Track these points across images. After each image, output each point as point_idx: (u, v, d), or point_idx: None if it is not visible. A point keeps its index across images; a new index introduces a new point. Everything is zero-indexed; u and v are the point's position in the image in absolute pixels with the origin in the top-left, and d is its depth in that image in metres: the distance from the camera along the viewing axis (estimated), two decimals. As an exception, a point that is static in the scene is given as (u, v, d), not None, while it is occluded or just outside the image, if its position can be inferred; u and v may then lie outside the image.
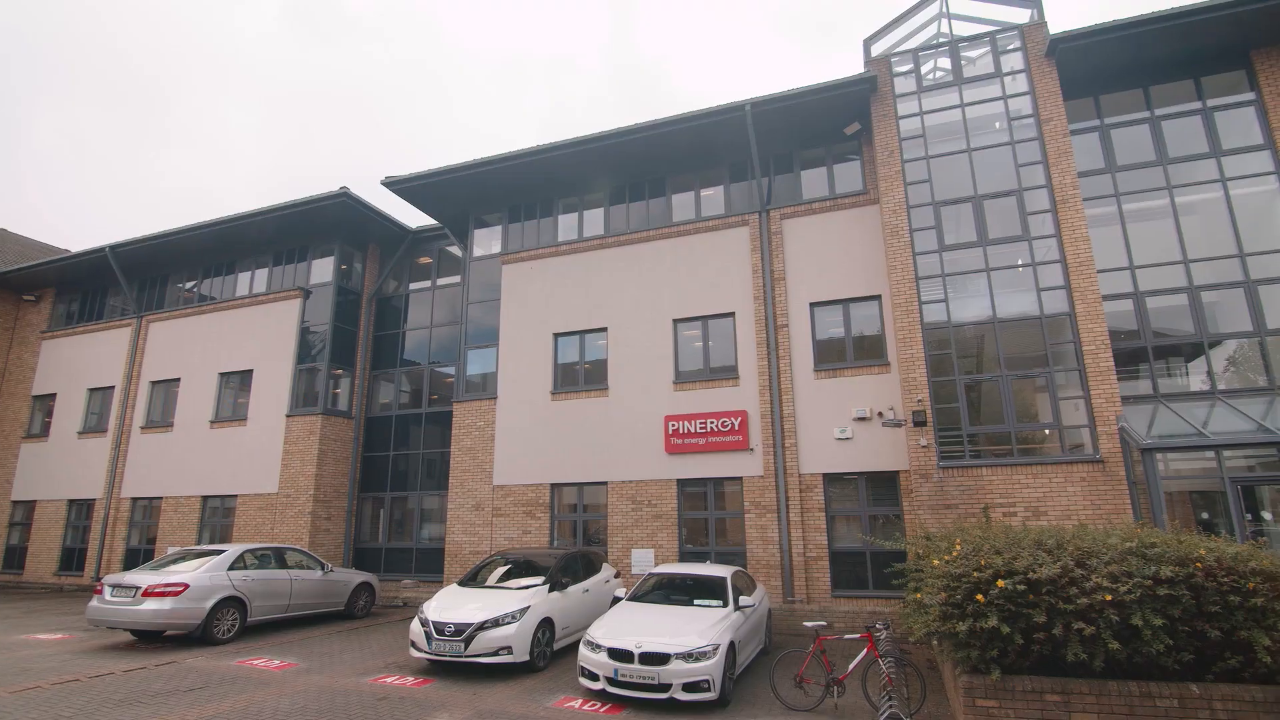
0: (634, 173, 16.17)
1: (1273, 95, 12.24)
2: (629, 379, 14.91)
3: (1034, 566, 5.96)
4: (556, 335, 15.92)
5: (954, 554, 6.58)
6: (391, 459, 18.26)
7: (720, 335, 14.67)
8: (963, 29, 13.95)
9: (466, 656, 9.11)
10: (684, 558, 13.73)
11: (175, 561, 12.13)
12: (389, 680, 9.03)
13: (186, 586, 11.21)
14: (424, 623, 9.51)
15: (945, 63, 13.89)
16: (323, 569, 13.78)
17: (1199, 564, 5.72)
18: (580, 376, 15.61)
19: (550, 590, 10.29)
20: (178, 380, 19.90)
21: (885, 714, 6.62)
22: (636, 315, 15.23)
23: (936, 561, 6.63)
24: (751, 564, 13.15)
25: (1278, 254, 11.72)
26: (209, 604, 11.37)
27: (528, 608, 9.60)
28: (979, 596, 5.96)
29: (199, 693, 8.38)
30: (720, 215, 15.23)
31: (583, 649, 8.34)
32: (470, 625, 9.21)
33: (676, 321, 14.97)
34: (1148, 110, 13.03)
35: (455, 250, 18.79)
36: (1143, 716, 5.71)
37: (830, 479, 13.23)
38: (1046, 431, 11.62)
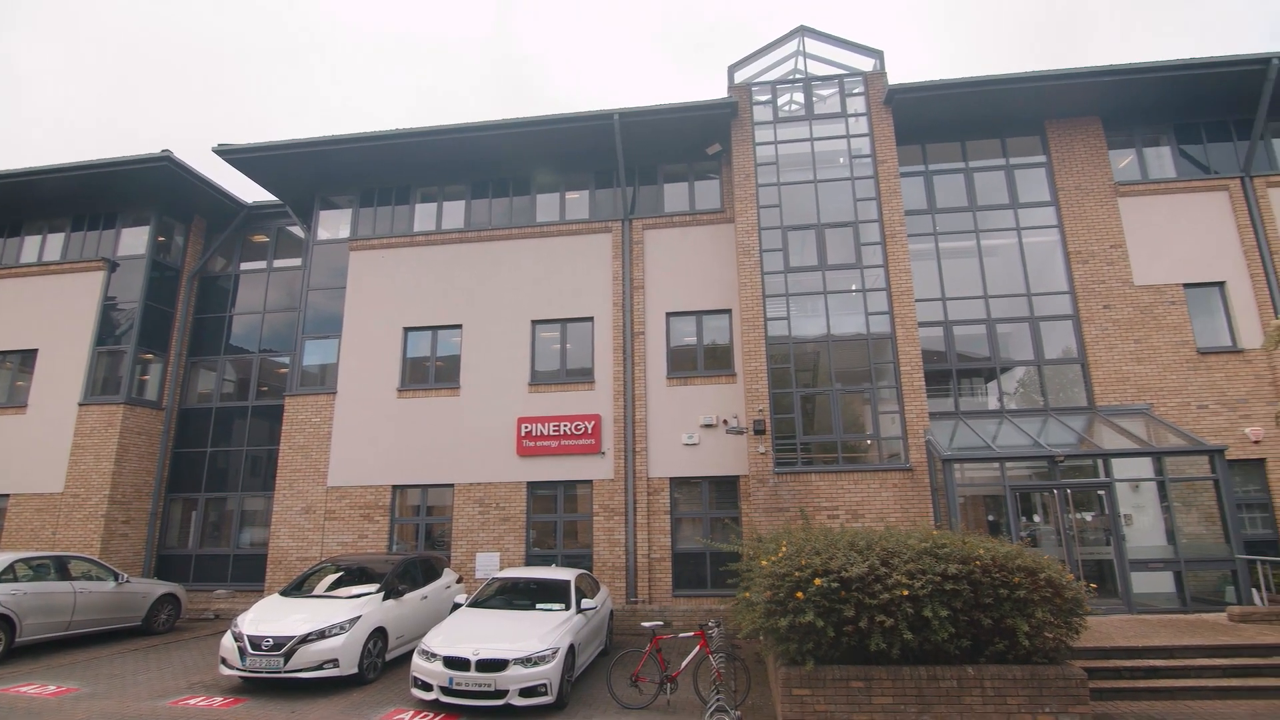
0: (499, 168, 15.84)
1: (1060, 160, 14.34)
2: (483, 378, 14.55)
3: (847, 566, 6.55)
4: (407, 329, 15.19)
5: (780, 555, 7.07)
6: (209, 456, 16.47)
7: (578, 339, 14.72)
8: (816, 68, 15.08)
9: (286, 672, 8.44)
10: (531, 561, 13.60)
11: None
12: (192, 702, 8.15)
13: (-72, 603, 9.42)
14: (238, 636, 8.71)
15: (799, 97, 14.93)
16: (116, 579, 12.15)
17: (978, 562, 6.57)
18: (431, 373, 14.99)
19: (385, 598, 9.83)
20: (-68, 356, 16.71)
21: (713, 707, 6.97)
22: (494, 314, 14.90)
23: (764, 562, 7.09)
24: (598, 566, 13.29)
25: (1055, 296, 13.74)
26: (-41, 623, 9.62)
27: (359, 617, 9.10)
28: (799, 594, 6.46)
29: (-63, 729, 7.07)
30: (584, 220, 15.31)
31: (416, 658, 8.03)
32: (292, 638, 8.55)
33: (535, 323, 14.82)
34: (963, 161, 14.79)
35: (297, 231, 17.35)
36: (929, 696, 6.47)
37: (677, 483, 13.70)
38: (868, 441, 12.80)
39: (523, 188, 15.88)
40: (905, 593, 6.29)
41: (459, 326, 15.00)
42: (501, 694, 7.58)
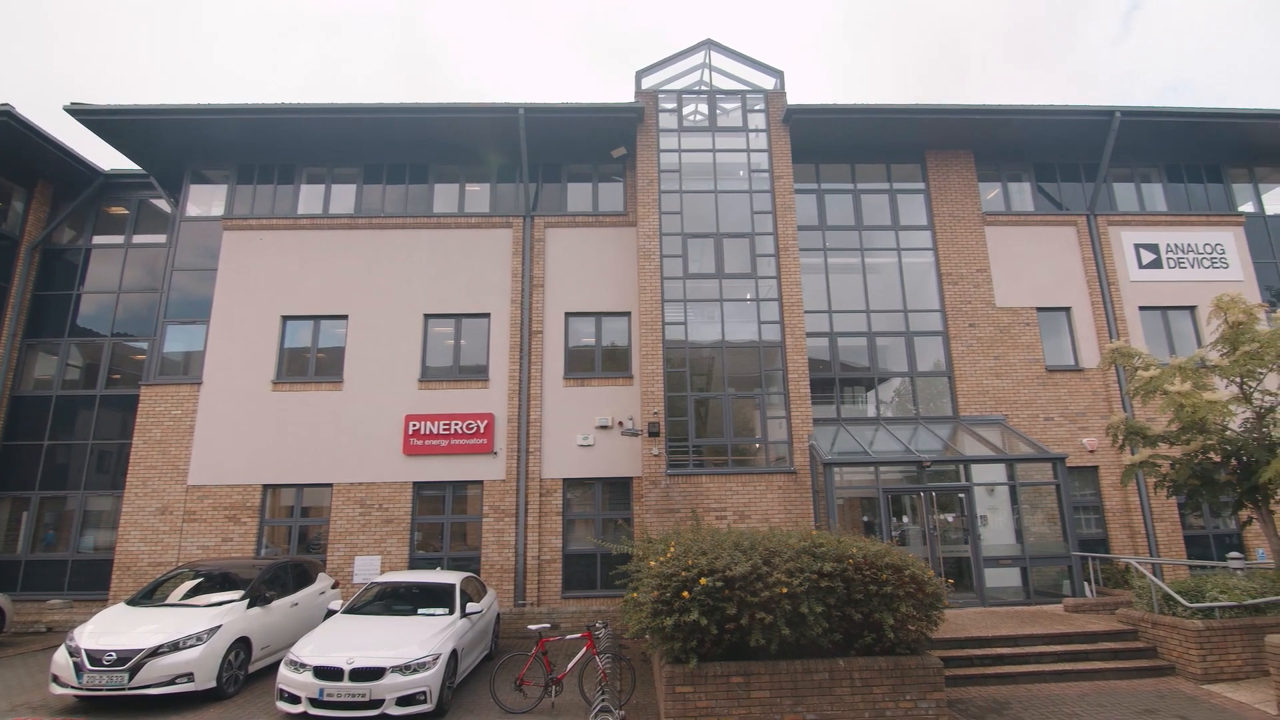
0: (396, 154, 15.16)
1: (937, 189, 15.48)
2: (369, 373, 13.85)
3: (731, 565, 6.74)
4: (286, 318, 14.21)
5: (668, 555, 7.17)
6: (46, 450, 14.67)
7: (474, 335, 14.33)
8: (721, 82, 15.51)
9: (132, 688, 7.69)
10: (415, 565, 13.06)
11: None
12: (11, 726, 7.21)
13: None
14: (74, 651, 7.86)
15: (704, 109, 15.29)
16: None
17: (851, 560, 6.96)
18: (311, 366, 14.10)
19: (250, 605, 9.17)
20: None
21: (597, 707, 6.97)
22: (384, 305, 14.23)
23: (653, 563, 7.17)
24: (486, 569, 12.97)
25: (928, 313, 14.81)
26: None
27: (218, 627, 8.45)
28: (685, 594, 6.59)
29: None
30: (484, 214, 14.94)
31: (283, 669, 7.55)
32: (139, 651, 7.81)
33: (428, 316, 14.29)
34: (853, 183, 15.66)
35: (162, 205, 15.82)
36: (804, 689, 6.77)
37: (570, 484, 13.61)
38: (756, 445, 13.26)
39: (420, 176, 15.29)
40: (784, 590, 6.55)
41: (344, 317, 14.21)
42: (377, 704, 7.26)
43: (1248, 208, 16.17)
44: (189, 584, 9.73)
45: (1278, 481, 9.14)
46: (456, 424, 13.52)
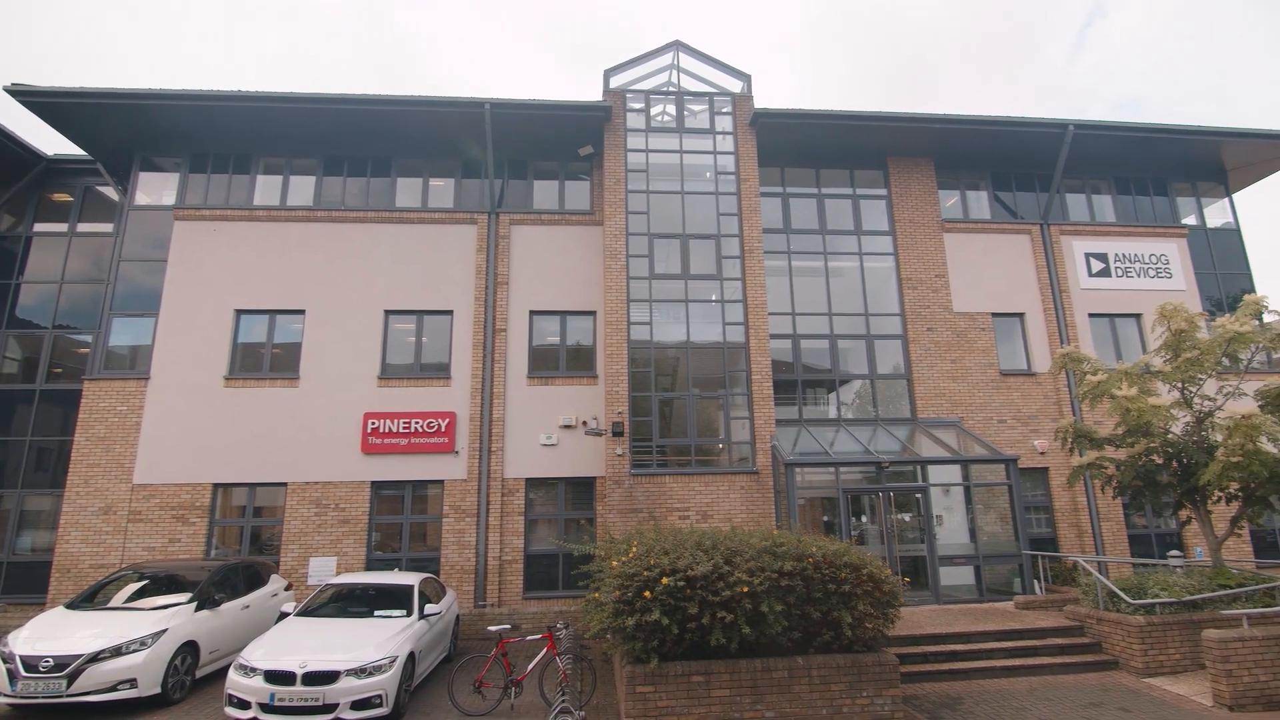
0: (358, 146, 14.84)
1: (899, 195, 15.77)
2: (327, 369, 13.52)
3: (693, 565, 6.76)
4: (240, 312, 13.79)
5: (630, 555, 7.15)
6: (-20, 446, 13.98)
7: (436, 333, 14.11)
8: (689, 83, 15.57)
9: (70, 696, 7.38)
10: (372, 566, 12.80)
11: None
12: (-67, 738, 6.84)
13: None
14: (7, 657, 7.54)
15: (672, 110, 15.33)
16: None
17: (811, 559, 7.04)
18: (266, 361, 13.71)
19: (198, 608, 8.89)
20: None
21: (557, 708, 6.91)
22: (344, 300, 13.91)
23: (615, 562, 7.15)
24: (445, 569, 12.78)
25: (888, 317, 15.08)
26: None
27: (164, 631, 8.17)
28: (646, 593, 6.58)
29: None
30: (448, 209, 14.72)
31: (232, 674, 7.31)
32: (77, 657, 7.50)
33: (389, 313, 14.02)
34: (817, 187, 15.87)
35: (110, 192, 15.21)
36: (764, 686, 6.82)
37: (533, 484, 13.50)
38: (720, 445, 13.34)
39: (383, 169, 14.99)
40: (745, 589, 6.58)
41: (301, 312, 13.85)
42: (331, 708, 7.08)
43: (1191, 221, 16.86)
44: (133, 586, 9.37)
45: (1215, 483, 9.54)
46: (417, 422, 13.29)
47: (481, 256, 14.33)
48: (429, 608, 9.18)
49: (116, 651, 7.68)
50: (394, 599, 9.20)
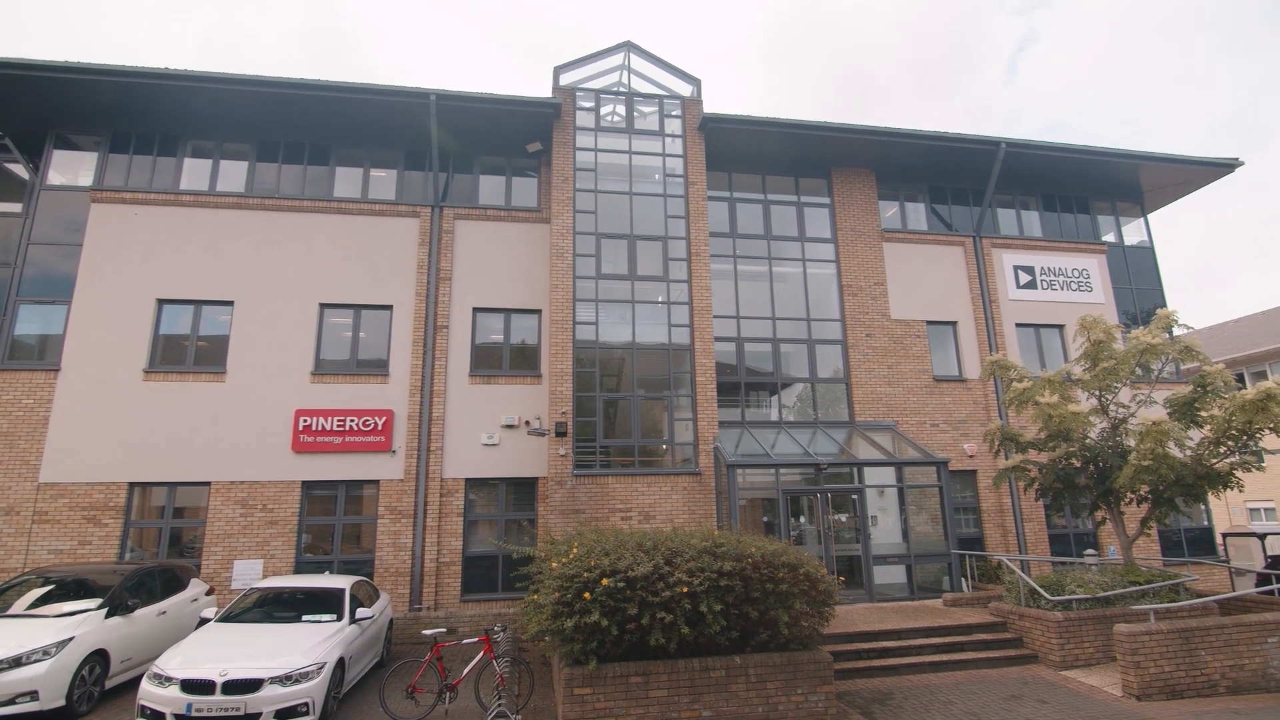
0: (294, 132, 14.27)
1: (841, 204, 16.16)
2: (256, 364, 12.93)
3: (633, 566, 6.73)
4: (162, 301, 13.06)
5: (571, 556, 7.06)
6: None
7: (374, 328, 13.69)
8: (640, 85, 15.57)
9: (-41, 711, 6.78)
10: (302, 568, 12.30)
11: None
12: None
13: None
14: (-114, 671, 6.84)
15: (622, 110, 15.30)
16: None
17: (750, 559, 7.10)
18: (190, 355, 13.02)
19: (109, 615, 8.38)
20: None
21: (494, 712, 6.79)
22: (276, 292, 13.35)
23: (555, 564, 7.05)
24: (380, 572, 12.39)
25: (829, 322, 15.43)
26: None
27: (70, 639, 7.64)
28: (586, 595, 6.50)
29: None
30: (390, 201, 14.30)
31: (145, 684, 6.91)
32: (-31, 669, 6.88)
33: (324, 306, 13.52)
34: (763, 194, 16.11)
35: (19, 170, 14.18)
36: (702, 686, 6.84)
37: (473, 484, 13.23)
38: (663, 447, 13.36)
39: (321, 157, 14.46)
40: (685, 590, 6.59)
41: (230, 303, 13.21)
42: (253, 718, 6.75)
43: (1110, 238, 17.85)
44: (37, 592, 8.74)
45: (1128, 485, 10.12)
46: (352, 420, 12.85)
47: (424, 251, 13.98)
48: (361, 612, 8.88)
49: (15, 662, 7.13)
50: (324, 603, 8.86)
